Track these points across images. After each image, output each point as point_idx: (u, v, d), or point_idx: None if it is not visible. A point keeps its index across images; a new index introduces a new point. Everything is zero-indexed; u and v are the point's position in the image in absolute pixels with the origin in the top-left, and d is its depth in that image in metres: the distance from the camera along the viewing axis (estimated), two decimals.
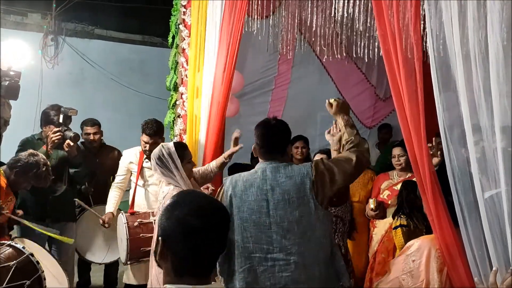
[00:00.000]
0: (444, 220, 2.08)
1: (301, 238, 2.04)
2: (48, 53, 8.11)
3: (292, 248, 2.03)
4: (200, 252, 1.15)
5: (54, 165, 3.26)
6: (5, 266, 2.14)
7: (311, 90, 5.10)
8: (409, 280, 2.20)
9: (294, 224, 2.04)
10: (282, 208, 2.04)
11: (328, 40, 4.34)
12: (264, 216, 2.05)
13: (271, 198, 2.06)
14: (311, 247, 2.06)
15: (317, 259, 2.07)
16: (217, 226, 1.18)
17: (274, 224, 2.04)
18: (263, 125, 2.25)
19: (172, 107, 3.85)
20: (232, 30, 3.10)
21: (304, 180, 2.07)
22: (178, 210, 1.16)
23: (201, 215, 1.16)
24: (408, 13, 2.10)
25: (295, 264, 2.03)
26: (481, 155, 1.81)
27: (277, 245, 2.04)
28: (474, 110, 1.81)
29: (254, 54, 4.44)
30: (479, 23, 1.77)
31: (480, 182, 1.80)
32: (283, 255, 2.03)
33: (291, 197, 2.05)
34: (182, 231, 1.14)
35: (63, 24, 8.37)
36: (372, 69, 5.24)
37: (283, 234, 2.04)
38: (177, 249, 1.14)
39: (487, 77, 1.74)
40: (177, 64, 3.82)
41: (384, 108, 5.45)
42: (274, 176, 2.09)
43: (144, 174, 3.45)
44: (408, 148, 2.16)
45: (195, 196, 1.24)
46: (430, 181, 2.07)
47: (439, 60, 1.96)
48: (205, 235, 1.15)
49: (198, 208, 1.17)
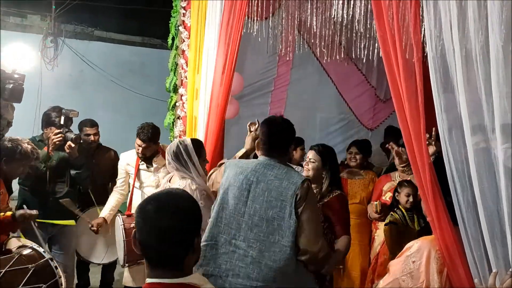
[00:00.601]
0: (444, 221, 2.07)
1: (266, 238, 2.07)
2: (48, 55, 8.11)
3: (254, 243, 2.07)
4: (163, 248, 1.23)
5: (55, 166, 3.27)
6: (23, 268, 2.17)
7: (311, 91, 5.11)
8: (409, 281, 2.19)
9: (264, 222, 2.08)
10: (259, 202, 2.10)
11: (328, 41, 4.34)
12: (241, 204, 2.13)
13: (253, 190, 2.12)
14: (273, 250, 2.06)
15: (275, 264, 2.05)
16: (180, 225, 1.25)
17: (246, 214, 2.11)
18: (268, 122, 2.29)
19: (172, 108, 3.85)
20: (231, 31, 3.10)
21: (289, 186, 2.10)
22: (147, 206, 1.26)
23: (166, 213, 1.24)
24: (408, 14, 2.09)
25: (251, 259, 2.06)
26: (481, 156, 1.80)
27: (242, 234, 2.09)
28: (474, 111, 1.81)
29: (254, 56, 4.45)
30: (479, 24, 1.77)
31: (479, 184, 1.80)
32: (245, 245, 2.08)
33: (270, 195, 2.10)
34: (148, 228, 1.24)
35: (62, 26, 8.38)
36: (372, 70, 5.24)
37: (251, 226, 2.09)
38: (146, 243, 1.25)
39: (486, 78, 1.74)
40: (176, 66, 3.82)
41: (384, 110, 5.45)
42: (264, 172, 2.15)
43: (140, 176, 3.46)
44: (408, 149, 2.15)
45: (164, 194, 1.33)
46: (430, 181, 2.06)
47: (438, 61, 1.95)
48: (169, 233, 1.23)
49: (164, 206, 1.26)
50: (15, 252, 2.26)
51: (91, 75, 8.50)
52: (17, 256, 2.21)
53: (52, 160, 3.25)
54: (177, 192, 1.35)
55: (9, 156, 2.69)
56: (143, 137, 3.30)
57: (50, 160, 3.21)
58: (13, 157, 2.70)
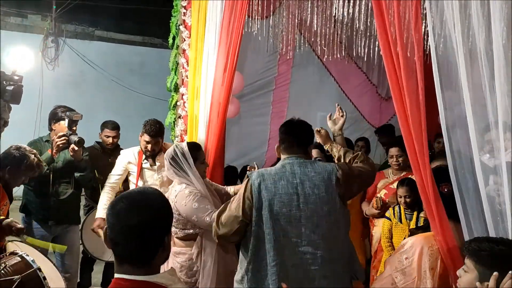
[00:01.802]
0: (445, 221, 2.07)
1: (329, 233, 2.06)
2: (49, 55, 8.12)
3: (320, 243, 2.04)
4: (133, 245, 1.23)
5: (60, 168, 3.27)
6: (8, 279, 2.09)
7: (311, 90, 5.10)
8: (401, 277, 2.20)
9: (323, 219, 2.05)
10: (313, 202, 2.06)
11: (328, 40, 4.34)
12: (295, 209, 2.05)
13: (301, 191, 2.06)
14: (336, 243, 2.09)
15: (341, 256, 2.10)
16: (150, 222, 1.24)
17: (304, 218, 2.04)
18: (289, 123, 2.30)
19: (173, 108, 3.84)
20: (232, 30, 3.09)
21: (330, 177, 2.10)
22: (119, 204, 1.26)
23: (136, 211, 1.24)
24: (409, 12, 2.09)
25: (321, 259, 2.04)
26: (486, 154, 1.80)
27: (305, 239, 2.04)
28: (477, 108, 1.81)
29: (254, 55, 4.44)
30: (482, 21, 1.76)
31: (483, 181, 1.79)
32: (311, 249, 2.04)
33: (320, 191, 2.07)
34: (119, 225, 1.24)
35: (63, 26, 8.39)
36: (373, 68, 5.23)
37: (313, 228, 2.04)
38: (114, 239, 1.24)
39: (489, 76, 1.74)
40: (177, 65, 3.81)
41: (390, 108, 5.44)
42: (303, 171, 2.11)
43: (143, 174, 3.43)
44: (408, 148, 2.15)
45: (135, 192, 1.33)
46: (431, 181, 2.06)
47: (440, 59, 1.95)
48: (139, 230, 1.23)
49: (135, 204, 1.25)
50: (1, 262, 2.16)
51: (91, 75, 8.52)
52: (3, 267, 2.13)
53: (57, 161, 3.26)
54: (149, 191, 1.34)
55: (14, 166, 2.68)
56: (152, 133, 3.25)
57: (54, 161, 3.21)
58: (18, 168, 2.69)
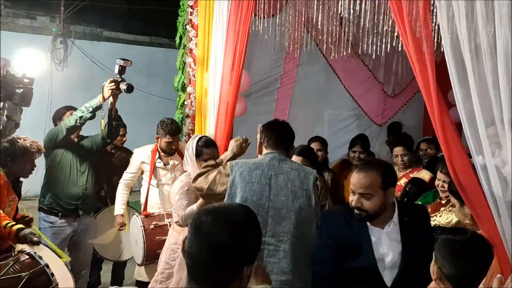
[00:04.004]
0: (486, 212, 1.95)
1: (296, 229, 2.08)
2: (58, 56, 8.19)
3: (285, 237, 2.07)
4: (210, 266, 1.14)
5: (84, 154, 3.37)
6: (16, 276, 2.09)
7: (318, 88, 5.10)
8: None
9: (292, 213, 2.09)
10: (284, 195, 2.10)
11: (335, 37, 4.33)
12: (265, 199, 2.11)
13: (274, 183, 2.13)
14: (303, 240, 2.09)
15: (306, 254, 2.08)
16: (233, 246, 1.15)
17: (272, 209, 2.10)
18: (272, 122, 2.39)
19: (181, 107, 3.87)
20: (239, 29, 3.10)
21: (308, 176, 2.15)
22: (203, 218, 1.17)
23: (222, 229, 1.15)
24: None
25: (283, 253, 2.06)
26: (494, 149, 1.80)
27: (270, 230, 2.08)
28: (485, 104, 1.81)
29: (261, 53, 4.44)
30: (487, 18, 1.76)
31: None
32: (274, 241, 2.07)
33: (293, 186, 2.11)
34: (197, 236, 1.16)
35: (71, 27, 8.46)
36: (379, 66, 5.22)
37: (279, 220, 2.09)
38: (194, 255, 1.15)
39: (494, 72, 1.74)
40: (184, 65, 3.84)
41: (393, 105, 5.42)
42: (280, 165, 2.17)
43: (157, 173, 3.44)
44: (443, 145, 2.05)
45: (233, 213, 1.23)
46: (471, 180, 1.97)
47: (451, 55, 1.94)
48: (220, 251, 1.14)
49: (221, 221, 1.17)
50: (9, 260, 2.17)
51: (100, 75, 8.55)
52: (11, 264, 2.13)
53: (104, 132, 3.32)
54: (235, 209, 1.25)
55: (10, 156, 2.73)
56: (173, 132, 3.31)
57: (101, 108, 3.25)
58: (14, 155, 2.74)
